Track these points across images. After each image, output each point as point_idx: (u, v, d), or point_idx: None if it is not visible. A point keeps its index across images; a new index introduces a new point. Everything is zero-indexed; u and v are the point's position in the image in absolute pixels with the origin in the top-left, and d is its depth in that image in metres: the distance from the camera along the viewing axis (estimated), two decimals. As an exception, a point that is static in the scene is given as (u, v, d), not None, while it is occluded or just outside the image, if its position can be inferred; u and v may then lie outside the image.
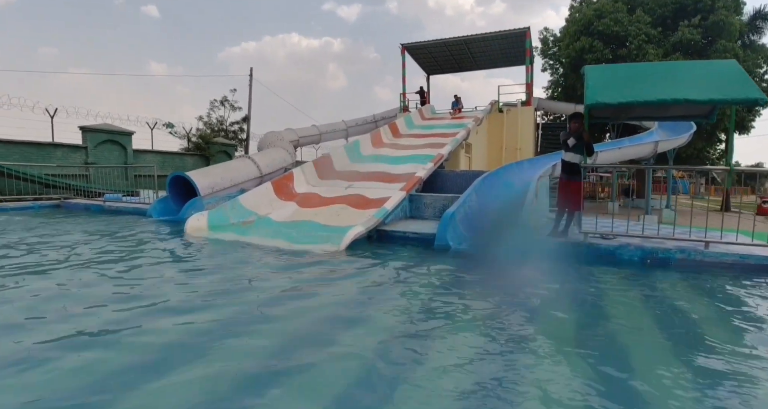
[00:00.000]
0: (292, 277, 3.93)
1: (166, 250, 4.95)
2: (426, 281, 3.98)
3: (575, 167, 5.55)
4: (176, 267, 4.15)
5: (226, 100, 21.72)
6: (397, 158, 10.73)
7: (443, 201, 7.42)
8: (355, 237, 5.17)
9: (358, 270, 4.28)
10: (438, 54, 20.13)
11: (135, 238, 5.74)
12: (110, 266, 4.12)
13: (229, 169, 8.58)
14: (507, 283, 4.11)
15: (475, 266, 4.76)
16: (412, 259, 4.94)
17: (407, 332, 2.67)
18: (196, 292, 3.35)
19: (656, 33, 20.22)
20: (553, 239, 5.60)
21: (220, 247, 5.29)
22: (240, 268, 4.15)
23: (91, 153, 14.11)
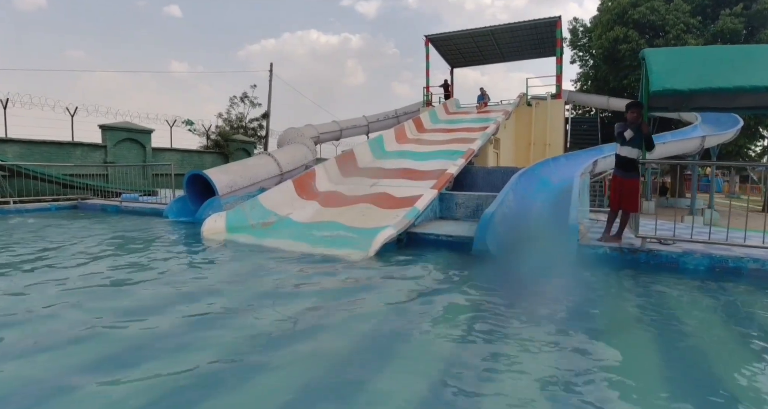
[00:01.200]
0: (317, 290, 3.42)
1: (179, 257, 4.51)
2: (470, 294, 3.42)
3: (632, 163, 4.89)
4: (186, 279, 3.67)
5: (246, 96, 21.47)
6: (423, 154, 10.16)
7: (477, 200, 6.82)
8: (386, 241, 4.65)
9: (390, 281, 3.75)
10: (463, 46, 19.37)
11: (148, 242, 5.36)
12: (114, 277, 3.68)
13: (248, 167, 8.19)
14: (563, 295, 3.52)
15: (523, 275, 4.16)
16: (449, 266, 4.39)
17: (465, 365, 2.13)
18: (206, 313, 2.84)
19: (696, 22, 18.98)
20: (605, 243, 4.96)
21: (237, 252, 4.84)
22: (259, 280, 3.66)
23: (110, 152, 14.03)
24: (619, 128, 4.91)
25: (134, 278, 3.64)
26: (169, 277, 3.72)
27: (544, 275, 4.14)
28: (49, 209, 9.35)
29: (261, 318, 2.72)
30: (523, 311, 3.00)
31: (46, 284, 3.40)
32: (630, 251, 4.75)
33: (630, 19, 19.75)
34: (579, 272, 4.33)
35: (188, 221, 7.14)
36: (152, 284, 3.50)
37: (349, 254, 4.56)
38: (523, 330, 2.58)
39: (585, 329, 2.65)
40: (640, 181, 4.94)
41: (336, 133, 16.33)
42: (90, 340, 2.35)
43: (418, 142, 11.68)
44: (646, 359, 2.30)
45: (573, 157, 10.02)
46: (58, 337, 2.37)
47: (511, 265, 4.48)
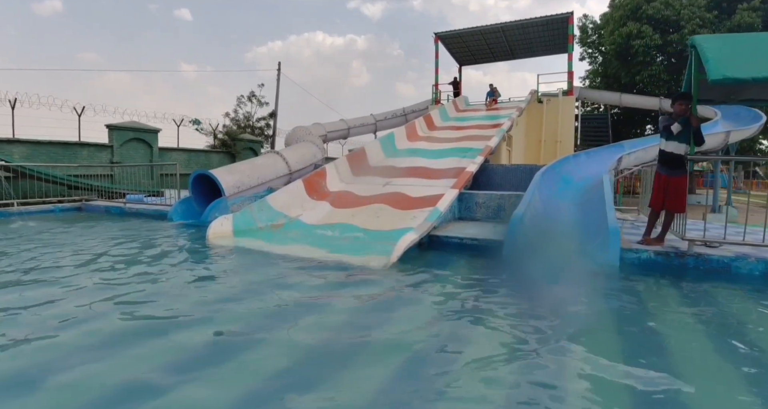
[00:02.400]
0: (340, 309, 2.97)
1: (180, 268, 4.07)
2: (513, 311, 2.99)
3: (680, 160, 4.48)
4: (187, 293, 3.28)
5: (253, 95, 21.17)
6: (436, 152, 9.78)
7: (498, 199, 6.44)
8: (408, 246, 4.26)
9: (421, 296, 3.31)
10: (472, 43, 18.97)
11: (146, 250, 4.97)
12: (107, 290, 3.26)
13: (256, 166, 7.85)
14: (620, 313, 3.07)
15: (566, 287, 3.73)
16: (481, 275, 3.99)
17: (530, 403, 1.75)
18: (208, 343, 2.37)
19: (711, 16, 18.41)
20: (648, 247, 4.55)
21: (245, 260, 4.44)
22: (270, 296, 3.21)
23: (116, 152, 13.78)
24: (664, 122, 4.50)
25: (122, 297, 3.09)
26: (165, 295, 3.16)
27: (589, 286, 3.72)
28: (53, 211, 9.07)
29: (276, 354, 2.23)
30: (579, 335, 2.57)
31: (20, 312, 2.74)
32: (677, 255, 4.34)
33: (644, 14, 19.23)
34: (626, 280, 3.91)
35: (194, 223, 6.80)
36: (143, 306, 2.92)
37: (369, 261, 4.17)
38: (585, 363, 2.14)
39: (658, 363, 2.17)
40: (687, 179, 4.52)
41: (344, 131, 16.01)
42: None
43: (430, 139, 11.33)
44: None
45: (593, 154, 9.59)
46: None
47: (549, 273, 4.08)
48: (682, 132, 4.35)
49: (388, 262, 4.01)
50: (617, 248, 4.31)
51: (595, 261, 4.30)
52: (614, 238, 4.39)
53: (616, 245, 4.33)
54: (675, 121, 4.38)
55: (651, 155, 9.83)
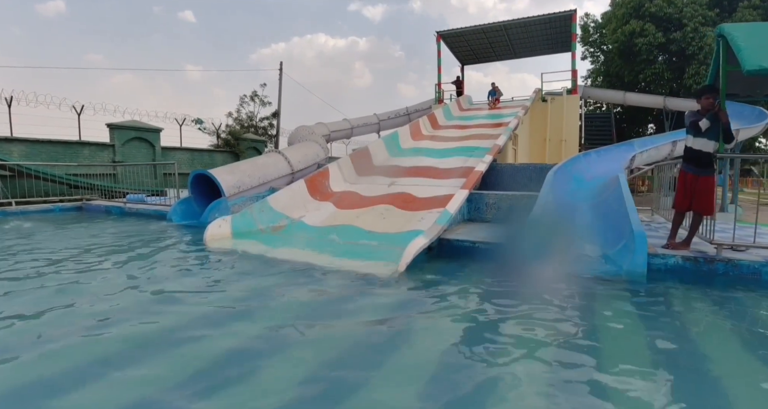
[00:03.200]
0: (344, 324, 2.69)
1: (173, 272, 3.87)
2: (539, 324, 2.75)
3: (708, 158, 4.20)
4: (178, 302, 3.04)
5: (256, 95, 21.03)
6: (441, 151, 9.56)
7: (510, 200, 6.21)
8: (418, 253, 4.02)
9: (432, 309, 3.03)
10: (474, 42, 18.71)
11: (141, 251, 4.77)
12: (77, 309, 2.88)
13: (257, 166, 7.64)
14: (662, 327, 2.78)
15: (594, 297, 3.48)
16: (497, 283, 3.73)
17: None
18: (190, 362, 2.10)
19: (713, 14, 18.19)
20: (675, 252, 4.26)
21: (243, 266, 4.16)
22: (266, 309, 2.93)
23: (118, 151, 13.62)
24: (691, 117, 4.21)
25: (108, 310, 2.79)
26: (147, 311, 2.85)
27: (619, 297, 3.47)
28: (53, 211, 8.89)
29: (277, 380, 1.96)
30: (617, 353, 2.33)
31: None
32: (706, 261, 4.06)
33: (647, 12, 18.99)
34: (656, 290, 3.65)
35: (193, 224, 6.60)
36: (129, 324, 2.55)
37: (376, 269, 3.93)
38: (633, 389, 1.91)
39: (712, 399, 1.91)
40: (715, 178, 4.26)
41: (347, 131, 15.81)
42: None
43: (434, 139, 11.11)
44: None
45: (603, 153, 9.33)
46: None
47: (573, 281, 3.84)
48: (710, 128, 4.10)
49: (396, 270, 3.77)
50: (644, 254, 4.00)
51: (620, 268, 4.06)
52: (641, 243, 4.10)
53: (643, 250, 4.04)
54: (702, 116, 4.12)
55: (663, 154, 9.61)
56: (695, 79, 17.90)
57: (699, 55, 17.64)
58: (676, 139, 9.48)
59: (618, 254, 4.37)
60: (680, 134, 10.14)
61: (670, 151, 9.56)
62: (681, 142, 9.81)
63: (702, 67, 17.60)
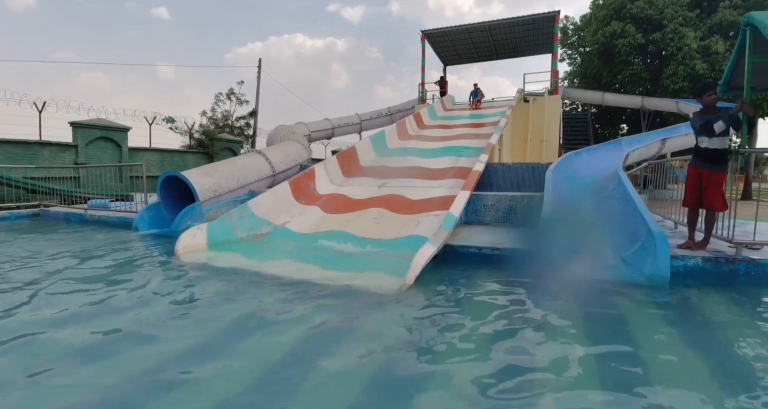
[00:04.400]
0: (350, 360, 2.17)
1: (137, 293, 3.23)
2: (585, 342, 2.36)
3: (723, 154, 3.98)
4: (138, 341, 2.39)
5: (232, 92, 20.00)
6: (430, 151, 9.16)
7: (509, 201, 5.84)
8: (426, 262, 3.54)
9: (457, 328, 2.58)
10: (458, 42, 18.52)
11: (100, 267, 4.10)
12: (9, 348, 2.26)
13: (235, 167, 7.01)
14: (702, 342, 2.45)
15: (620, 306, 3.12)
16: (517, 295, 3.31)
17: None
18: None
19: (693, 15, 18.59)
20: (695, 253, 4.00)
21: (220, 283, 3.53)
22: (250, 339, 2.41)
23: (81, 152, 12.61)
24: (700, 119, 3.96)
25: (40, 368, 2.02)
26: (110, 345, 2.33)
27: (645, 304, 3.12)
28: (8, 218, 7.99)
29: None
30: (669, 372, 1.96)
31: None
32: (727, 261, 3.81)
33: (628, 13, 19.26)
34: (680, 292, 3.37)
35: (163, 233, 5.92)
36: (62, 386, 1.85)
37: (378, 283, 3.42)
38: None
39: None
40: (727, 175, 4.07)
41: (328, 131, 15.27)
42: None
43: (421, 138, 10.72)
44: None
45: (593, 151, 9.16)
46: None
47: (592, 287, 3.48)
48: (725, 130, 3.87)
49: (403, 284, 3.27)
50: (667, 257, 3.69)
51: (641, 272, 3.73)
52: (662, 245, 3.77)
53: (665, 252, 3.72)
54: (709, 115, 3.89)
55: (652, 152, 9.53)
56: (672, 80, 18.20)
57: (677, 55, 17.95)
58: (665, 137, 9.40)
59: (635, 256, 4.06)
60: (669, 132, 10.11)
61: (659, 149, 9.48)
62: (670, 141, 9.78)
63: (680, 67, 17.90)
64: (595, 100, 20.06)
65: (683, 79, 18.00)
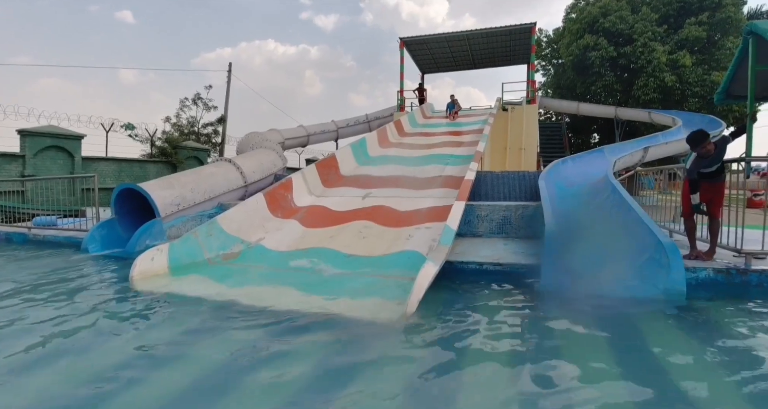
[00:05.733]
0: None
1: (79, 335, 2.57)
2: (611, 366, 1.94)
3: (720, 169, 3.94)
4: (74, 400, 1.83)
5: (199, 98, 18.83)
6: (415, 159, 8.74)
7: (503, 211, 5.45)
8: (429, 285, 3.02)
9: (474, 362, 2.13)
10: (437, 50, 18.43)
11: (37, 299, 3.40)
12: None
13: (202, 178, 6.31)
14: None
15: (644, 326, 2.74)
16: (527, 314, 2.88)
17: None
18: None
19: (662, 31, 19.27)
20: (706, 264, 3.79)
21: (182, 317, 2.91)
22: (217, 403, 1.84)
23: (29, 163, 11.45)
24: (697, 169, 3.92)
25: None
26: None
27: (660, 319, 2.84)
28: (-56, 239, 6.94)
29: None
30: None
31: None
32: (739, 272, 3.61)
33: (600, 27, 19.72)
34: (696, 306, 3.17)
35: (118, 254, 5.15)
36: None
37: (373, 311, 2.87)
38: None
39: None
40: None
41: (303, 138, 14.66)
42: None
43: (402, 146, 10.32)
44: None
45: (578, 159, 8.97)
46: None
47: (605, 304, 3.11)
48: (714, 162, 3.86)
49: (404, 313, 2.74)
50: (681, 270, 3.45)
51: (655, 286, 3.41)
52: (674, 256, 3.50)
53: (679, 265, 3.47)
54: (705, 160, 3.83)
55: (635, 160, 9.47)
56: (643, 91, 18.66)
57: (647, 68, 18.43)
58: (648, 146, 9.36)
59: (644, 269, 3.76)
60: (652, 140, 10.12)
61: (642, 157, 9.43)
62: (653, 149, 9.76)
63: (650, 79, 18.39)
64: (570, 109, 20.35)
65: (653, 90, 18.50)
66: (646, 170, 8.11)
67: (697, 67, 18.24)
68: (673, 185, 21.70)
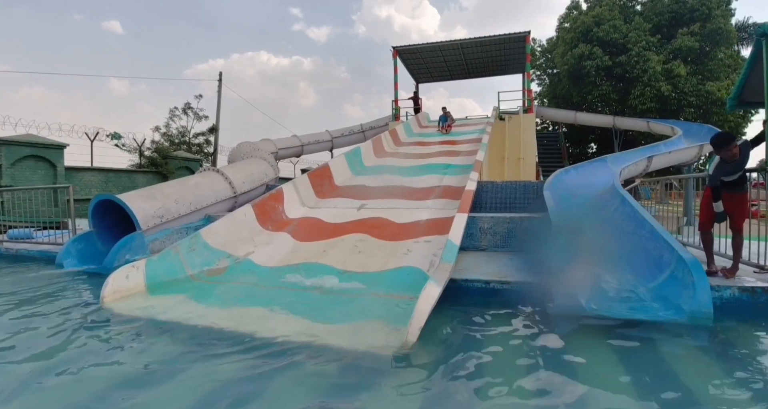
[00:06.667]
0: None
1: (33, 364, 2.27)
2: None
3: (742, 177, 3.65)
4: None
5: (189, 107, 18.44)
6: (412, 169, 8.46)
7: (508, 224, 5.15)
8: (432, 309, 2.69)
9: (488, 400, 1.83)
10: (430, 60, 18.34)
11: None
12: None
13: (187, 188, 5.96)
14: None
15: (664, 353, 2.43)
16: (543, 340, 2.56)
17: None
18: None
19: (655, 40, 19.42)
20: (731, 283, 3.48)
21: (156, 346, 2.56)
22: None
23: (6, 173, 10.97)
24: (719, 173, 3.61)
25: None
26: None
27: (689, 348, 2.56)
28: None
29: None
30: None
31: None
32: (765, 292, 3.31)
33: (594, 36, 19.81)
34: (723, 330, 2.88)
35: (95, 271, 4.77)
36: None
37: (371, 338, 2.53)
38: None
39: None
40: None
41: (297, 148, 14.36)
42: None
43: (398, 156, 10.05)
44: None
45: (581, 169, 8.74)
46: None
47: (632, 334, 2.78)
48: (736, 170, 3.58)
49: (405, 341, 2.40)
50: (707, 288, 3.13)
51: (680, 309, 3.09)
52: (699, 274, 3.21)
53: (704, 284, 3.15)
54: (728, 165, 3.53)
55: (639, 169, 9.28)
56: (640, 100, 18.68)
57: (643, 77, 18.48)
58: (652, 155, 9.17)
59: (664, 288, 3.46)
60: (654, 149, 9.95)
61: (646, 167, 9.23)
62: (657, 158, 9.58)
63: (646, 88, 18.43)
64: (568, 119, 20.31)
65: (650, 99, 18.52)
66: (643, 180, 7.95)
67: (691, 77, 18.34)
68: (669, 195, 21.82)
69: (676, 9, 19.82)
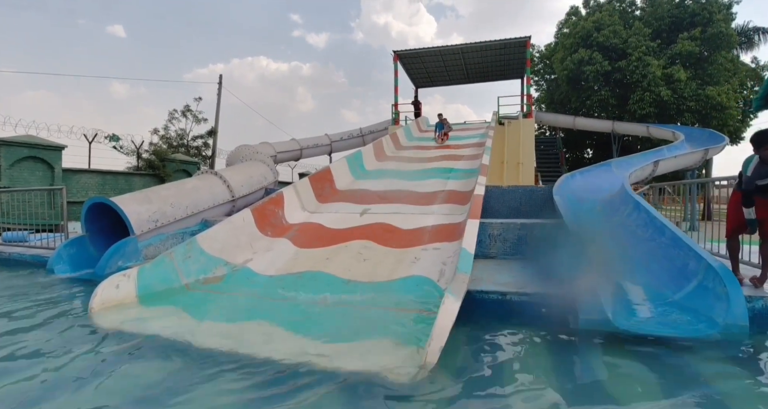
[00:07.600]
0: None
1: (11, 383, 2.07)
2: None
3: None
4: None
5: (188, 109, 18.22)
6: (414, 173, 8.27)
7: (518, 230, 4.95)
8: (452, 326, 2.47)
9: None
10: (431, 64, 18.25)
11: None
12: None
13: (184, 191, 5.74)
14: None
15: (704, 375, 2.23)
16: (566, 358, 2.36)
17: None
18: None
19: (655, 45, 19.39)
20: (758, 292, 3.32)
21: (144, 367, 2.34)
22: None
23: (4, 174, 10.76)
24: (757, 175, 3.32)
25: None
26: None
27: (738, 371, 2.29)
28: None
29: None
30: None
31: None
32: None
33: (594, 41, 19.77)
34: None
35: (87, 277, 4.54)
36: None
37: (382, 360, 2.31)
38: None
39: None
40: None
41: (296, 152, 14.19)
42: None
43: (399, 159, 9.87)
44: None
45: (586, 173, 8.61)
46: None
47: (672, 355, 2.59)
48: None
49: (425, 362, 2.18)
50: (741, 299, 2.95)
51: (713, 323, 2.89)
52: (732, 284, 3.03)
53: (739, 294, 2.97)
54: (766, 166, 3.25)
55: (645, 174, 9.16)
56: (639, 106, 18.61)
57: (642, 82, 18.41)
58: (658, 159, 9.03)
59: (692, 299, 3.27)
60: (660, 153, 9.85)
61: (652, 171, 9.09)
62: (663, 162, 9.45)
63: (646, 93, 18.36)
64: (566, 124, 20.24)
65: (649, 105, 18.43)
66: (635, 185, 7.79)
67: (691, 82, 18.28)
68: (662, 201, 21.45)
69: (677, 14, 19.82)
